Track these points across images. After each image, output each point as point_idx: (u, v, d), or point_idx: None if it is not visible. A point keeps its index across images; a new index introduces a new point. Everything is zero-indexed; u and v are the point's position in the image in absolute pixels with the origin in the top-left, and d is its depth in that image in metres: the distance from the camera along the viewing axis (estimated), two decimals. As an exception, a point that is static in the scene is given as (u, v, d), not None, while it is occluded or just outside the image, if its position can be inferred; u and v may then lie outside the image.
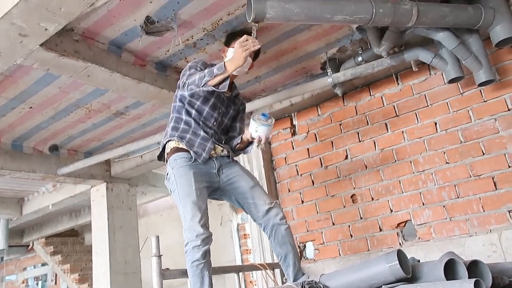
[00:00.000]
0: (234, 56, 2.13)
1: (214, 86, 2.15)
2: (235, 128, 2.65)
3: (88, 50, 2.65)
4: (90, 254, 5.39)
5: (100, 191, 4.98)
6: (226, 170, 2.44)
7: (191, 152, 2.33)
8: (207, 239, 2.18)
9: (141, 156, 4.76)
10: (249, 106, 3.50)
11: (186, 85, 2.24)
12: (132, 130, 4.25)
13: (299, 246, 3.61)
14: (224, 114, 2.52)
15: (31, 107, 3.43)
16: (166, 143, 2.44)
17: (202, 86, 2.16)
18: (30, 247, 9.66)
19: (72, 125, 3.91)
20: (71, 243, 9.60)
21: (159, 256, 2.25)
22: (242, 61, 2.11)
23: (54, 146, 4.36)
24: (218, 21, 2.63)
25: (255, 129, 2.33)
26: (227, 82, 2.16)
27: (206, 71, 2.18)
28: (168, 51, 2.89)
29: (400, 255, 2.18)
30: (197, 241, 2.15)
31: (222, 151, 2.47)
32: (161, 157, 2.52)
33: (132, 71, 2.91)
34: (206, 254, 2.17)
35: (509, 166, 2.79)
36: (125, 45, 2.79)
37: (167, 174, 2.39)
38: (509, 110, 2.85)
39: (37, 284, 10.56)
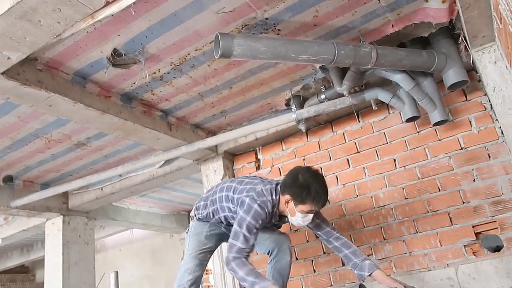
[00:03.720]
0: None
1: None
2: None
3: (52, 80, 2.61)
4: (41, 292, 5.09)
5: (55, 225, 4.77)
6: None
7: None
8: (198, 279, 2.48)
9: (102, 189, 4.64)
10: (214, 140, 3.53)
11: (232, 262, 2.18)
12: (93, 162, 4.15)
13: (262, 282, 3.57)
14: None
15: (-14, 136, 3.30)
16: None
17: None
18: (-26, 285, 8.99)
19: (30, 155, 3.78)
20: (21, 280, 9.02)
21: (118, 293, 2.17)
22: None
23: (8, 177, 4.18)
24: (186, 56, 2.67)
25: None
26: None
27: (254, 278, 2.13)
28: (134, 83, 2.90)
29: (362, 289, 2.21)
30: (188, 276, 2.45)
31: None
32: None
33: (96, 102, 2.88)
34: (193, 283, 2.44)
35: (463, 202, 2.92)
36: (90, 76, 2.77)
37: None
38: (462, 148, 3.01)
39: (-20, 326, 9.77)
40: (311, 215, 2.26)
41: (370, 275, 2.34)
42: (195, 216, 2.70)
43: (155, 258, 7.74)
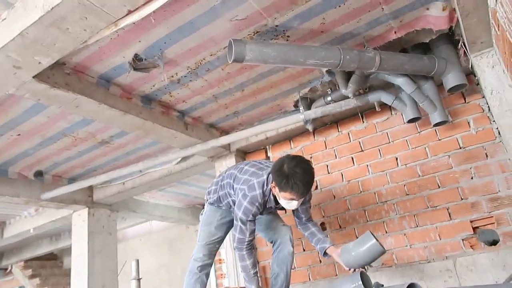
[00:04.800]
0: None
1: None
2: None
3: (78, 83, 2.65)
4: (68, 278, 5.15)
5: (81, 216, 4.84)
6: None
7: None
8: (207, 266, 2.63)
9: (123, 183, 4.69)
10: (227, 139, 3.54)
11: (235, 251, 2.46)
12: (115, 158, 4.19)
13: (271, 271, 3.57)
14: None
15: (19, 134, 3.36)
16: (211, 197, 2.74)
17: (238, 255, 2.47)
18: (8, 270, 9.15)
19: (58, 152, 3.84)
20: (50, 266, 9.16)
21: (139, 280, 2.20)
22: None
23: (39, 172, 4.25)
24: (201, 61, 2.68)
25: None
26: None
27: (248, 272, 2.42)
28: (153, 86, 2.92)
29: (363, 276, 2.21)
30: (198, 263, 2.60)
31: None
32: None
33: (118, 103, 2.91)
34: (202, 269, 2.60)
35: (462, 199, 2.89)
36: (114, 79, 2.80)
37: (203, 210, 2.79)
38: (460, 148, 2.98)
39: (14, 307, 9.94)
40: (295, 202, 2.25)
41: (328, 248, 2.50)
42: (207, 200, 2.74)
43: (172, 248, 7.80)
